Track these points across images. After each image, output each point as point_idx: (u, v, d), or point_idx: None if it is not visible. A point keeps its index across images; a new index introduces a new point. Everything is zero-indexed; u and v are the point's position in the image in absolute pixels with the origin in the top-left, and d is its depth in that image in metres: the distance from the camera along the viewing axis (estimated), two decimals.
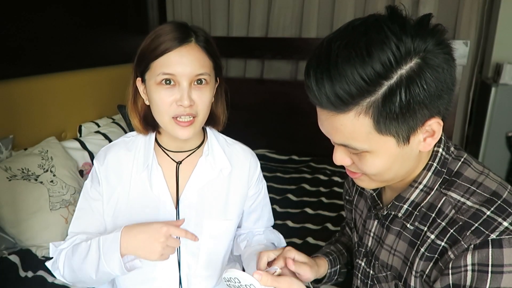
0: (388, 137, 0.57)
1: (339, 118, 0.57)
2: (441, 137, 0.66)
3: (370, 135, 0.57)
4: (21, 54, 1.80)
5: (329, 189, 2.08)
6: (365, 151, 0.59)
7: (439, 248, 0.61)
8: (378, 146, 0.58)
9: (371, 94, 0.53)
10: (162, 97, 0.79)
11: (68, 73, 2.01)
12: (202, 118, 0.84)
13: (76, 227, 0.91)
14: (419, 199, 0.66)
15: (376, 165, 0.61)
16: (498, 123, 2.27)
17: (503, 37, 2.33)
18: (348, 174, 0.69)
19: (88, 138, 1.90)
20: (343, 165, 0.67)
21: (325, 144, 0.60)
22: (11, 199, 1.41)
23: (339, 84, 0.53)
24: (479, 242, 0.56)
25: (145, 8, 2.79)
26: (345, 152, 0.64)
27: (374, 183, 0.67)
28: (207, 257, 0.93)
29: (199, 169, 0.91)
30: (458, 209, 0.61)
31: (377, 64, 0.51)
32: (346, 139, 0.59)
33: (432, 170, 0.66)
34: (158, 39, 0.79)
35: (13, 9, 1.74)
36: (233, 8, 2.68)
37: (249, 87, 2.71)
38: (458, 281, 0.58)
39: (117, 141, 0.95)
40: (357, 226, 0.85)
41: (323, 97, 0.55)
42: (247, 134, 2.87)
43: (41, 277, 1.31)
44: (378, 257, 0.75)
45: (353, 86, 0.52)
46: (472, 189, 0.62)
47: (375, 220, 0.76)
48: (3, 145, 1.57)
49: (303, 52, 2.55)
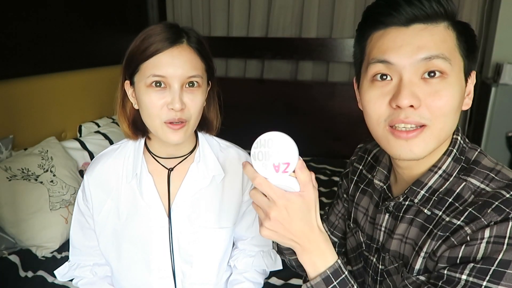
0: (462, 62, 0.62)
1: (430, 29, 0.60)
2: (458, 127, 0.68)
3: (454, 52, 0.61)
4: (21, 54, 1.80)
5: (329, 189, 2.08)
6: (445, 73, 0.59)
7: (453, 226, 0.60)
8: (455, 70, 0.60)
9: (450, 19, 0.61)
10: (152, 100, 0.76)
11: (68, 73, 2.01)
12: (194, 122, 0.82)
13: (76, 241, 0.95)
14: (437, 185, 0.66)
15: (453, 94, 0.59)
16: (498, 123, 2.27)
17: (503, 37, 2.32)
18: (406, 134, 0.60)
19: (88, 138, 1.90)
20: (409, 112, 0.60)
21: (325, 144, 0.60)
22: (11, 199, 1.41)
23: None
24: (500, 219, 0.55)
25: (145, 8, 2.79)
26: (414, 89, 0.59)
27: (434, 141, 0.61)
28: (201, 265, 0.91)
29: (190, 177, 0.88)
30: (477, 194, 0.61)
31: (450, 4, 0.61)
32: (438, 48, 0.59)
33: (452, 156, 0.66)
34: (148, 39, 0.76)
35: (13, 9, 1.74)
36: (233, 8, 2.68)
37: (249, 87, 2.71)
38: (469, 253, 0.57)
39: (106, 150, 0.93)
40: (360, 225, 0.83)
41: (417, 7, 0.59)
42: (247, 134, 2.87)
43: (41, 277, 1.31)
44: (388, 248, 0.73)
45: (446, 4, 0.60)
46: (491, 175, 0.62)
47: (385, 213, 0.74)
48: (3, 145, 1.57)
49: (303, 52, 2.55)
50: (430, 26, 0.60)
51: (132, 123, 0.87)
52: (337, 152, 2.45)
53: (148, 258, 0.87)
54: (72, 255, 0.96)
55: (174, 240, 0.87)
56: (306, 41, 2.54)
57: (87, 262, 0.95)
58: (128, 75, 0.81)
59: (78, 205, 0.92)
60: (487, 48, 2.44)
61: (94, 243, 0.93)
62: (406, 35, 0.60)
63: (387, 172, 0.77)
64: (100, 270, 0.96)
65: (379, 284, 0.77)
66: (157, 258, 0.88)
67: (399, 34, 0.60)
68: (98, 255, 0.94)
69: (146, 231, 0.87)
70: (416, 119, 0.59)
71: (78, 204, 0.92)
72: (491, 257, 0.55)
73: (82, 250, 0.94)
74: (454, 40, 0.61)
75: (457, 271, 0.57)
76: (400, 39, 0.60)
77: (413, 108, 0.59)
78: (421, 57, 0.59)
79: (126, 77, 0.82)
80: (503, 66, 2.21)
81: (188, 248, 0.88)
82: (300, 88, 2.62)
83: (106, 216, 0.88)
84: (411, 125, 0.60)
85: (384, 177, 0.77)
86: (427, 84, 0.59)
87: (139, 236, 0.87)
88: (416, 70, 0.59)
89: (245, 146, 3.10)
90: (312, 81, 2.63)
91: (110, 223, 0.88)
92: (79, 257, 0.95)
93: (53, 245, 1.45)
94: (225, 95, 0.99)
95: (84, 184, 0.90)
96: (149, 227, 0.87)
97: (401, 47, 0.60)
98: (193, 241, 0.88)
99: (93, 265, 0.95)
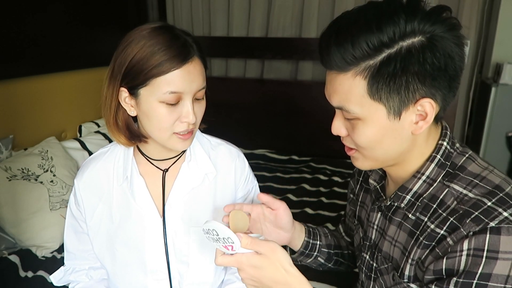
0: (379, 105, 0.60)
1: (339, 78, 0.61)
2: (447, 132, 0.69)
3: (363, 98, 0.60)
4: (21, 54, 1.80)
5: (329, 189, 2.08)
6: (357, 117, 0.62)
7: (437, 236, 0.62)
8: (369, 113, 0.61)
9: (371, 58, 0.58)
10: (165, 115, 0.75)
11: (68, 73, 2.01)
12: (197, 128, 0.83)
13: (70, 245, 0.94)
14: (422, 190, 0.67)
15: (366, 134, 0.63)
16: (498, 123, 2.27)
17: (503, 37, 2.32)
18: (346, 151, 0.72)
19: (88, 138, 1.90)
20: (340, 136, 0.70)
21: (325, 144, 0.60)
22: (11, 199, 1.41)
23: (345, 45, 0.58)
24: (478, 229, 0.57)
25: (145, 8, 2.79)
26: (342, 121, 0.67)
27: (368, 161, 0.69)
28: (198, 264, 0.90)
29: (182, 176, 0.87)
30: (460, 200, 0.62)
31: (384, 34, 0.56)
32: (342, 100, 0.62)
33: (435, 162, 0.67)
34: (159, 53, 0.72)
35: (14, 9, 1.74)
36: (233, 8, 2.68)
37: (249, 87, 2.71)
38: (452, 265, 0.59)
39: (95, 154, 0.92)
40: (362, 221, 0.86)
41: (330, 56, 0.60)
42: (247, 134, 2.88)
43: (41, 277, 1.31)
44: (381, 249, 0.76)
45: (358, 49, 0.57)
46: (475, 182, 0.63)
47: (378, 212, 0.78)
48: (3, 145, 1.57)
49: (303, 52, 2.55)
50: (341, 74, 0.61)
51: (128, 134, 0.83)
52: (337, 152, 2.43)
53: (143, 260, 0.87)
54: (67, 259, 0.96)
55: (169, 241, 0.87)
56: (306, 41, 2.54)
57: (82, 266, 0.95)
58: (130, 86, 0.76)
59: (71, 210, 0.92)
60: (487, 48, 2.44)
61: (89, 247, 0.92)
62: (327, 80, 0.65)
63: (382, 172, 0.79)
64: (96, 273, 0.95)
65: (373, 281, 0.79)
66: (152, 260, 0.87)
67: (327, 77, 0.65)
68: (93, 259, 0.94)
69: (140, 233, 0.86)
70: (347, 144, 0.70)
71: (71, 209, 0.92)
72: (471, 271, 0.57)
73: (76, 254, 0.94)
74: (363, 87, 0.59)
75: (443, 287, 0.59)
76: (327, 81, 0.66)
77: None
78: (334, 105, 0.65)
79: (123, 85, 0.77)
80: (503, 66, 2.21)
81: (184, 248, 0.88)
82: (300, 88, 2.62)
83: (98, 219, 0.88)
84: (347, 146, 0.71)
85: (378, 177, 0.80)
86: (348, 122, 0.66)
87: (133, 239, 0.87)
88: (338, 111, 0.67)
89: (245, 146, 3.09)
90: (312, 81, 2.63)
91: (103, 226, 0.88)
92: (74, 261, 0.95)
93: (53, 245, 1.45)
94: (225, 95, 0.99)
95: (75, 188, 0.89)
96: (143, 229, 0.86)
97: (326, 90, 0.66)
98: (188, 241, 0.88)
99: (88, 269, 0.95)
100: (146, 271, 0.88)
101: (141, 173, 0.87)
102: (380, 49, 0.57)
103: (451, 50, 0.58)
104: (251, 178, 0.98)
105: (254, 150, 2.65)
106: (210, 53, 2.74)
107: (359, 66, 0.59)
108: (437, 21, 0.57)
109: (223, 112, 2.62)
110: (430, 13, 0.57)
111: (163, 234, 0.86)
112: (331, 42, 0.60)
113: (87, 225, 0.89)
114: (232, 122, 2.59)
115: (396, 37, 0.56)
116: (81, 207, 0.89)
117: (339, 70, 0.61)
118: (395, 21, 0.56)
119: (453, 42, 0.58)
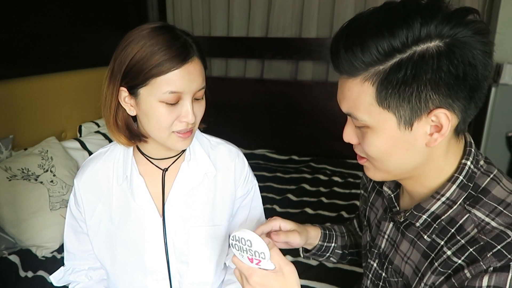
0: (389, 113, 0.57)
1: (348, 83, 0.59)
2: (471, 150, 0.64)
3: (371, 106, 0.57)
4: (21, 54, 1.80)
5: (329, 189, 2.08)
6: (366, 125, 0.59)
7: (454, 265, 0.59)
8: (378, 121, 0.58)
9: (381, 64, 0.55)
10: (165, 114, 0.75)
11: (68, 73, 2.01)
12: (197, 127, 0.83)
13: (70, 245, 0.94)
14: (440, 212, 0.63)
15: (376, 144, 0.60)
16: (498, 123, 2.27)
17: (503, 37, 2.32)
18: (358, 160, 0.68)
19: (88, 138, 1.90)
20: (352, 144, 0.67)
21: (325, 144, 0.60)
22: (11, 199, 1.41)
23: (354, 49, 0.55)
24: (500, 266, 0.53)
25: (145, 8, 2.79)
26: (352, 129, 0.64)
27: (379, 173, 0.65)
28: (198, 264, 0.90)
29: (182, 175, 0.88)
30: (481, 228, 0.58)
31: (396, 39, 0.53)
32: (350, 107, 0.60)
33: (457, 183, 0.62)
34: (159, 53, 0.72)
35: (14, 9, 1.74)
36: (233, 8, 2.68)
37: (249, 87, 2.71)
38: None
39: (95, 154, 0.92)
40: (370, 225, 0.83)
41: (339, 61, 0.58)
42: (247, 134, 2.88)
43: (41, 277, 1.31)
44: (392, 261, 0.73)
45: (367, 54, 0.55)
46: (499, 209, 0.58)
47: (390, 222, 0.74)
48: (3, 145, 1.57)
49: (303, 52, 2.55)
50: (350, 79, 0.59)
51: (127, 131, 0.83)
52: (337, 152, 2.45)
53: (143, 260, 0.87)
54: (67, 259, 0.96)
55: (169, 240, 0.87)
56: (306, 41, 2.54)
57: (82, 267, 0.95)
58: (129, 85, 0.77)
59: (70, 210, 0.92)
60: None
61: (88, 247, 0.92)
62: (339, 84, 0.63)
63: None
64: (95, 274, 0.95)
65: None
66: (152, 260, 0.87)
67: (339, 81, 0.64)
68: (93, 259, 0.94)
69: (139, 233, 0.86)
70: (358, 152, 0.67)
71: (70, 209, 0.92)
72: None
73: (76, 254, 0.94)
74: (372, 93, 0.56)
75: None
76: (338, 86, 0.64)
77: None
78: (344, 111, 0.63)
79: (122, 85, 0.77)
80: (503, 66, 2.21)
81: (184, 248, 0.88)
82: (300, 88, 2.62)
83: (98, 220, 0.88)
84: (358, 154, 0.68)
85: (394, 185, 0.75)
86: (359, 130, 0.64)
87: (133, 239, 0.87)
88: (349, 118, 0.65)
89: (245, 146, 3.10)
90: (312, 81, 2.63)
91: (103, 227, 0.88)
92: (74, 262, 0.95)
93: (53, 245, 1.45)
94: (225, 95, 0.99)
95: (75, 188, 0.89)
96: (143, 228, 0.86)
97: (337, 95, 0.64)
98: (188, 240, 0.88)
99: (88, 269, 0.95)
100: (145, 271, 0.88)
101: (140, 173, 0.87)
102: (391, 54, 0.54)
103: (473, 57, 0.53)
104: (251, 177, 0.98)
105: (254, 150, 2.65)
106: (210, 53, 2.74)
107: (368, 71, 0.56)
108: (459, 24, 0.52)
109: (223, 112, 2.62)
110: (452, 15, 0.53)
111: (163, 234, 0.86)
112: (340, 46, 0.57)
113: (87, 225, 0.89)
114: (232, 122, 2.59)
115: (409, 41, 0.52)
116: (81, 207, 0.89)
117: (348, 74, 0.58)
118: (409, 24, 0.52)
119: (477, 49, 0.53)
